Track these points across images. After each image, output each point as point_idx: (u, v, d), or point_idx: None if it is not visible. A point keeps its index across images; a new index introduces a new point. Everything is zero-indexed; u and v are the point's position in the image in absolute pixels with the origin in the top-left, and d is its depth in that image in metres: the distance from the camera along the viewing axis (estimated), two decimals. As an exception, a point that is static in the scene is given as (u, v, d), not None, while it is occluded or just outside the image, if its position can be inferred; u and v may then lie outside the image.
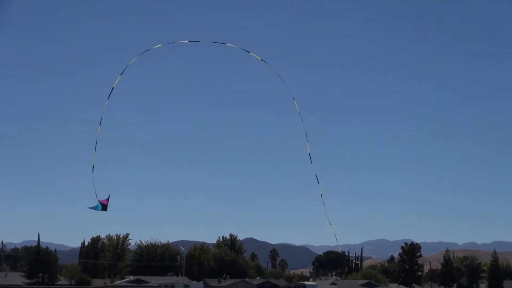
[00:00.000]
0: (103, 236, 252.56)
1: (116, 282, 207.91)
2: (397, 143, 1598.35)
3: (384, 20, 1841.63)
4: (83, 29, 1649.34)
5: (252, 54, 54.37)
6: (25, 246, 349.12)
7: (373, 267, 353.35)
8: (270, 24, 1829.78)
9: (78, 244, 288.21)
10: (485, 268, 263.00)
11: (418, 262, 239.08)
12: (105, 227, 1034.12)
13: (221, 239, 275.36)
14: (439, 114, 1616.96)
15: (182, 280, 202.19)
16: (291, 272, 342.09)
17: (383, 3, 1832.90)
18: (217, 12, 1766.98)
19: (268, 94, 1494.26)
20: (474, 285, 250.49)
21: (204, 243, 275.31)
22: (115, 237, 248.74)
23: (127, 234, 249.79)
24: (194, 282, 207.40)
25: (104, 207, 75.81)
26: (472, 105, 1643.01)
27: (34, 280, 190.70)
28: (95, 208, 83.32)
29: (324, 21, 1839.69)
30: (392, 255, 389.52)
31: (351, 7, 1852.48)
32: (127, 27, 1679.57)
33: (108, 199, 73.87)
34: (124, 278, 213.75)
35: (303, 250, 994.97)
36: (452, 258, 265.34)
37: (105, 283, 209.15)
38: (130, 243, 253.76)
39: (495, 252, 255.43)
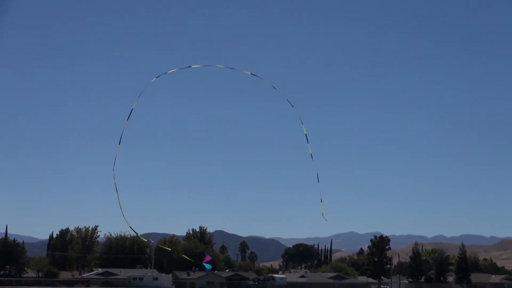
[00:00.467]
0: (71, 228, 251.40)
1: (84, 275, 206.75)
2: (366, 136, 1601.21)
3: (382, 17, 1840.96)
4: (100, 52, 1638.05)
5: (264, 80, 55.10)
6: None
7: (342, 260, 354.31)
8: (267, 25, 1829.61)
9: (46, 236, 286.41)
10: (453, 261, 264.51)
11: (387, 255, 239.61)
12: (73, 219, 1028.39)
13: (191, 232, 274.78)
14: (414, 106, 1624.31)
15: (151, 272, 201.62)
16: (261, 264, 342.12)
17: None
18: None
19: (253, 95, 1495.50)
20: (442, 277, 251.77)
21: (174, 235, 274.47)
22: (84, 230, 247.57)
23: (96, 227, 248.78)
24: (163, 274, 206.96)
25: (209, 262, 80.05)
26: (448, 98, 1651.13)
27: (1, 272, 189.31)
28: (209, 269, 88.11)
29: (323, 19, 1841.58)
30: (361, 248, 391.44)
31: (351, 5, 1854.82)
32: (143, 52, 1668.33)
33: (207, 255, 77.25)
34: (93, 271, 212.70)
35: (273, 242, 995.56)
36: (420, 251, 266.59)
37: (73, 275, 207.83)
38: (99, 236, 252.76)
39: (463, 245, 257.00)
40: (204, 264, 78.00)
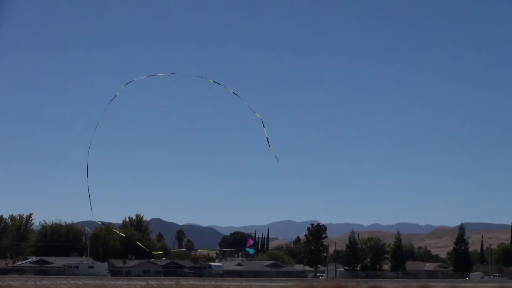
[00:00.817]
0: (5, 216, 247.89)
1: (18, 263, 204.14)
2: (302, 123, 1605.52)
3: (369, 11, 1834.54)
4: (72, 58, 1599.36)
5: (228, 89, 55.07)
6: None
7: (279, 248, 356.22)
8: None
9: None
10: (388, 249, 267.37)
11: (324, 243, 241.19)
12: (7, 206, 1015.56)
13: (127, 220, 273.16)
14: (351, 92, 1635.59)
15: (86, 261, 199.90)
16: (197, 253, 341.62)
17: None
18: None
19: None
20: (377, 265, 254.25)
21: (110, 223, 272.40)
22: (18, 217, 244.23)
23: (31, 214, 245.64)
24: (99, 263, 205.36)
25: (251, 246, 79.38)
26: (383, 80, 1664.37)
27: None
28: (252, 254, 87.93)
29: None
30: (298, 236, 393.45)
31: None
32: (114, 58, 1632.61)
33: (250, 240, 76.45)
34: (27, 259, 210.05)
35: (210, 231, 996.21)
36: (357, 240, 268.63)
37: (6, 264, 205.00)
38: (33, 223, 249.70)
39: (398, 234, 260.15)
40: (247, 249, 78.02)
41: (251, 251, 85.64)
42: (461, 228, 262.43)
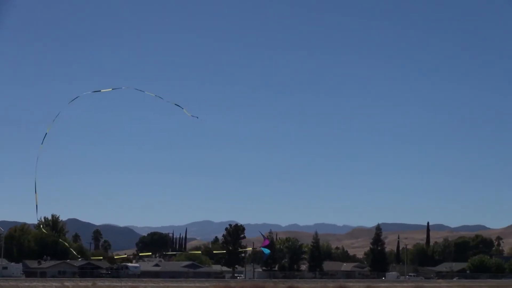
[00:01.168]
0: None
1: None
2: (227, 118, 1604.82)
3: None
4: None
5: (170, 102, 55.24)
6: None
7: (197, 248, 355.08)
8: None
9: None
10: (306, 249, 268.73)
11: (242, 243, 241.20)
12: None
13: (43, 220, 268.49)
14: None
15: (0, 262, 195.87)
16: (114, 253, 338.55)
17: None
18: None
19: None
20: (295, 266, 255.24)
21: (25, 223, 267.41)
22: None
23: None
24: (13, 264, 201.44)
25: (268, 247, 77.74)
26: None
27: None
28: (267, 254, 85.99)
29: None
30: (216, 237, 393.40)
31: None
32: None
33: (266, 239, 75.08)
34: None
35: (127, 231, 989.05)
36: (275, 240, 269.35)
37: None
38: None
39: (316, 234, 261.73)
40: (262, 248, 75.86)
41: (266, 251, 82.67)
42: (378, 228, 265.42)
